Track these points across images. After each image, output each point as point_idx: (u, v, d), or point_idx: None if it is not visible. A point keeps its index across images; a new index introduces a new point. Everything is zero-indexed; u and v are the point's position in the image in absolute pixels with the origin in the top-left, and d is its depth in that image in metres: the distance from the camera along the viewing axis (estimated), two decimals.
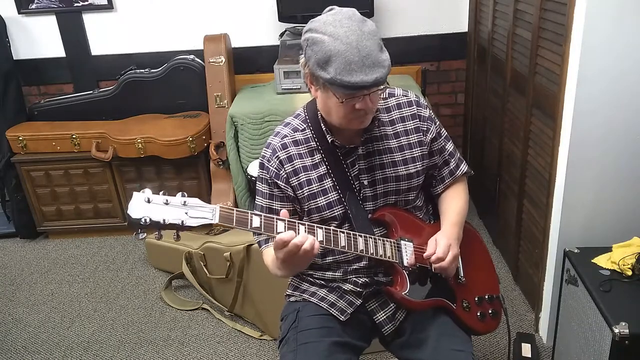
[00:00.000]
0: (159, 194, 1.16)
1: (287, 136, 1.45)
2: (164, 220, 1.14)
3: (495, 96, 2.74)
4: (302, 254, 1.23)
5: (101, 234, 3.32)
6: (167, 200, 1.16)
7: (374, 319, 1.49)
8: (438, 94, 3.40)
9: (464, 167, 1.59)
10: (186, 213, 1.17)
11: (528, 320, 2.37)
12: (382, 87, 1.28)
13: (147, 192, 1.16)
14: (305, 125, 1.45)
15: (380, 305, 1.49)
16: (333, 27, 1.23)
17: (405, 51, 3.19)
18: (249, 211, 1.25)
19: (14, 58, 3.25)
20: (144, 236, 1.15)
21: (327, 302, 1.49)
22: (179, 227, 1.16)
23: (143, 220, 1.13)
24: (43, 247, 3.27)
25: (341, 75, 1.21)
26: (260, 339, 2.38)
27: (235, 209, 1.22)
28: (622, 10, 1.69)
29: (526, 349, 2.11)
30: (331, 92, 1.28)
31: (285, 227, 1.25)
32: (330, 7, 1.31)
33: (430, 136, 1.50)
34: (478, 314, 1.53)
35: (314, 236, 1.29)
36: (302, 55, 1.32)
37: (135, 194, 1.16)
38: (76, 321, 2.61)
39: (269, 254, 1.43)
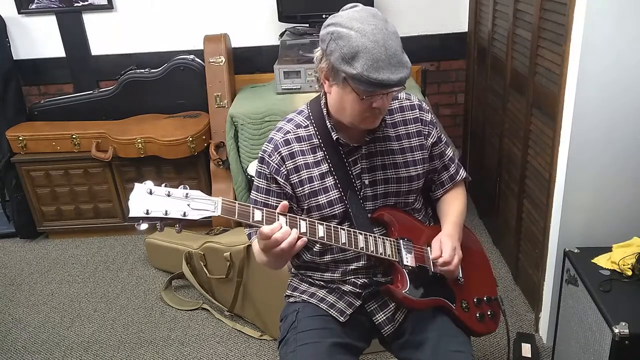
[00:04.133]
0: (160, 186, 1.16)
1: (290, 132, 1.44)
2: (165, 212, 1.14)
3: (495, 96, 2.74)
4: (279, 251, 1.23)
5: (101, 234, 3.32)
6: (169, 192, 1.16)
7: (374, 320, 1.49)
8: (438, 94, 3.40)
9: (463, 173, 1.61)
10: (188, 205, 1.16)
11: (528, 320, 2.37)
12: (402, 87, 1.28)
13: (149, 184, 1.16)
14: (308, 122, 1.45)
15: (379, 306, 1.49)
16: (360, 23, 1.23)
17: (405, 51, 3.18)
18: (251, 205, 1.25)
19: (14, 58, 3.25)
20: (145, 227, 1.14)
21: (326, 303, 1.49)
22: (181, 220, 1.16)
23: (145, 211, 1.12)
24: (43, 247, 3.27)
25: (368, 72, 1.21)
26: (260, 339, 2.38)
27: (237, 202, 1.22)
28: (622, 10, 1.69)
29: (526, 349, 2.11)
30: (350, 88, 1.27)
31: (286, 221, 1.25)
32: (353, 4, 1.31)
33: (431, 140, 1.50)
34: (477, 314, 1.53)
35: (315, 232, 1.29)
36: (319, 49, 1.31)
37: (137, 185, 1.15)
38: (76, 321, 2.61)
39: (256, 244, 1.43)
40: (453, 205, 1.56)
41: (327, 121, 1.41)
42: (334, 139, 1.41)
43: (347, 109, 1.34)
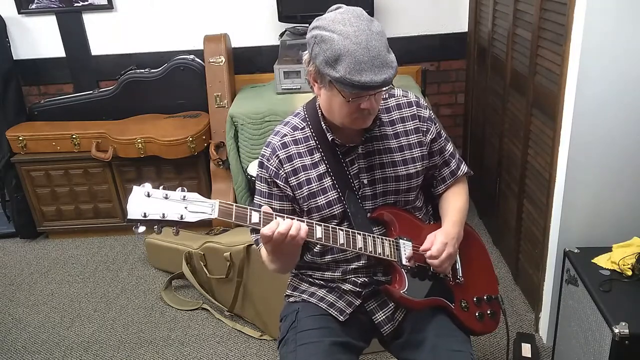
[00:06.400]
0: (158, 189, 1.17)
1: (287, 135, 1.45)
2: (163, 214, 1.15)
3: (495, 96, 2.74)
4: (288, 241, 1.24)
5: (101, 234, 3.32)
6: (166, 195, 1.16)
7: (373, 319, 1.49)
8: (438, 94, 3.40)
9: (464, 168, 1.60)
10: (185, 208, 1.17)
11: (528, 320, 2.37)
12: (388, 87, 1.28)
13: (147, 187, 1.17)
14: (305, 124, 1.45)
15: (379, 306, 1.49)
16: (342, 25, 1.23)
17: (405, 51, 3.18)
18: (248, 207, 1.25)
19: (14, 58, 3.25)
20: (142, 230, 1.15)
21: (326, 302, 1.49)
22: (178, 222, 1.17)
23: (142, 214, 1.13)
24: (43, 247, 3.27)
25: (351, 75, 1.21)
26: (260, 339, 2.38)
27: (234, 204, 1.22)
28: (622, 10, 1.69)
29: (526, 349, 2.11)
30: (337, 91, 1.27)
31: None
32: (338, 5, 1.31)
33: (430, 137, 1.50)
34: (477, 314, 1.53)
35: (313, 233, 1.29)
36: (307, 52, 1.32)
37: (135, 188, 1.16)
38: (76, 321, 2.61)
39: (264, 251, 1.43)
40: (453, 203, 1.56)
41: (322, 123, 1.41)
42: (330, 140, 1.41)
43: (335, 111, 1.34)
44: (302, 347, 1.41)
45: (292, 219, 1.27)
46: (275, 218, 1.25)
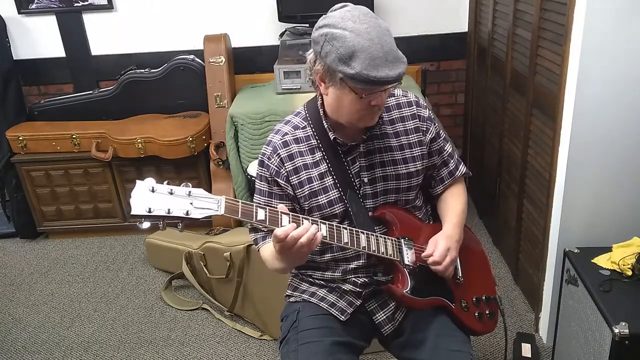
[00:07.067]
0: (163, 184, 1.15)
1: (288, 134, 1.45)
2: (168, 210, 1.13)
3: (495, 96, 2.74)
4: (297, 248, 1.23)
5: (101, 234, 3.32)
6: (171, 190, 1.15)
7: (374, 319, 1.49)
8: (438, 94, 3.40)
9: (462, 168, 1.60)
10: (191, 203, 1.15)
11: (528, 320, 2.37)
12: (398, 83, 1.29)
13: (151, 181, 1.14)
14: (306, 123, 1.45)
15: (379, 306, 1.49)
16: (353, 22, 1.23)
17: (405, 51, 3.17)
18: (254, 204, 1.25)
19: (14, 58, 3.25)
20: (147, 226, 1.13)
21: (327, 302, 1.49)
22: (184, 219, 1.15)
23: (147, 209, 1.11)
24: (43, 247, 3.27)
25: (367, 70, 1.21)
26: (260, 339, 2.38)
27: (240, 201, 1.22)
28: (622, 10, 1.69)
29: (526, 349, 2.11)
30: (348, 89, 1.27)
31: (289, 220, 1.25)
32: (343, 3, 1.32)
33: (429, 136, 1.50)
34: (476, 314, 1.53)
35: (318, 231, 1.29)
36: (311, 52, 1.32)
37: (138, 182, 1.14)
38: (76, 321, 2.61)
39: (267, 249, 1.43)
40: (453, 205, 1.56)
41: (324, 121, 1.41)
42: (332, 138, 1.41)
43: (345, 109, 1.34)
44: (303, 346, 1.41)
45: (298, 217, 1.27)
46: (281, 217, 1.24)
